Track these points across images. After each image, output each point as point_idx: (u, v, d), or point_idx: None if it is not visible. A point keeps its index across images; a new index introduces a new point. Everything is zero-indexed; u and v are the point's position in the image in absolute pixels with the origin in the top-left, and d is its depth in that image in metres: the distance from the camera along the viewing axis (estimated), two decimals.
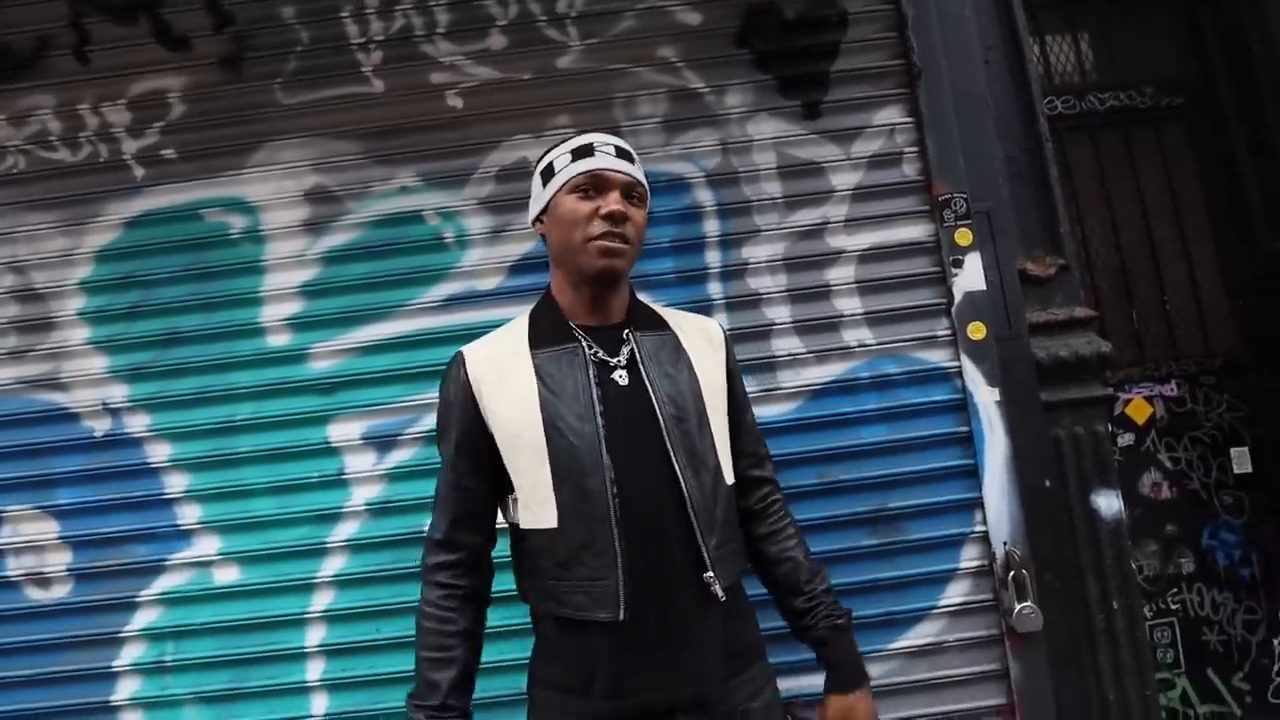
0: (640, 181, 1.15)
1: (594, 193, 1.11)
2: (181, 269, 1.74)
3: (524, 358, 1.13)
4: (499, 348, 1.16)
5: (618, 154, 1.14)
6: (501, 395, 1.11)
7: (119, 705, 1.63)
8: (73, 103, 1.77)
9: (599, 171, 1.11)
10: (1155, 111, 2.71)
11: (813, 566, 1.24)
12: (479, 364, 1.14)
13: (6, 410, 1.71)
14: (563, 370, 1.11)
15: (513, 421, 1.09)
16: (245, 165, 1.75)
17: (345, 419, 1.69)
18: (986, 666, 1.63)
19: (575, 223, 1.10)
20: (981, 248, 1.73)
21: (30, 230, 1.76)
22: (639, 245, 1.15)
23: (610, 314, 1.16)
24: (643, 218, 1.16)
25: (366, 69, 1.77)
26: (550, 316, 1.17)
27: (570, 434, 1.07)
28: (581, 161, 1.12)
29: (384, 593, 1.65)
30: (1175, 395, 2.66)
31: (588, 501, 1.05)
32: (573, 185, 1.11)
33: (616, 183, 1.11)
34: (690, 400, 1.13)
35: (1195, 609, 2.59)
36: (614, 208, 1.09)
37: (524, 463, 1.09)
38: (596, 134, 1.17)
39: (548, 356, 1.12)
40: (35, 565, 1.68)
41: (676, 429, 1.09)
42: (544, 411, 1.08)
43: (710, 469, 1.11)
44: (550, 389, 1.09)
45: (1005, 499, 1.65)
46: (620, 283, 1.16)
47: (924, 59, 1.76)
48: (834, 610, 1.21)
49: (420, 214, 1.75)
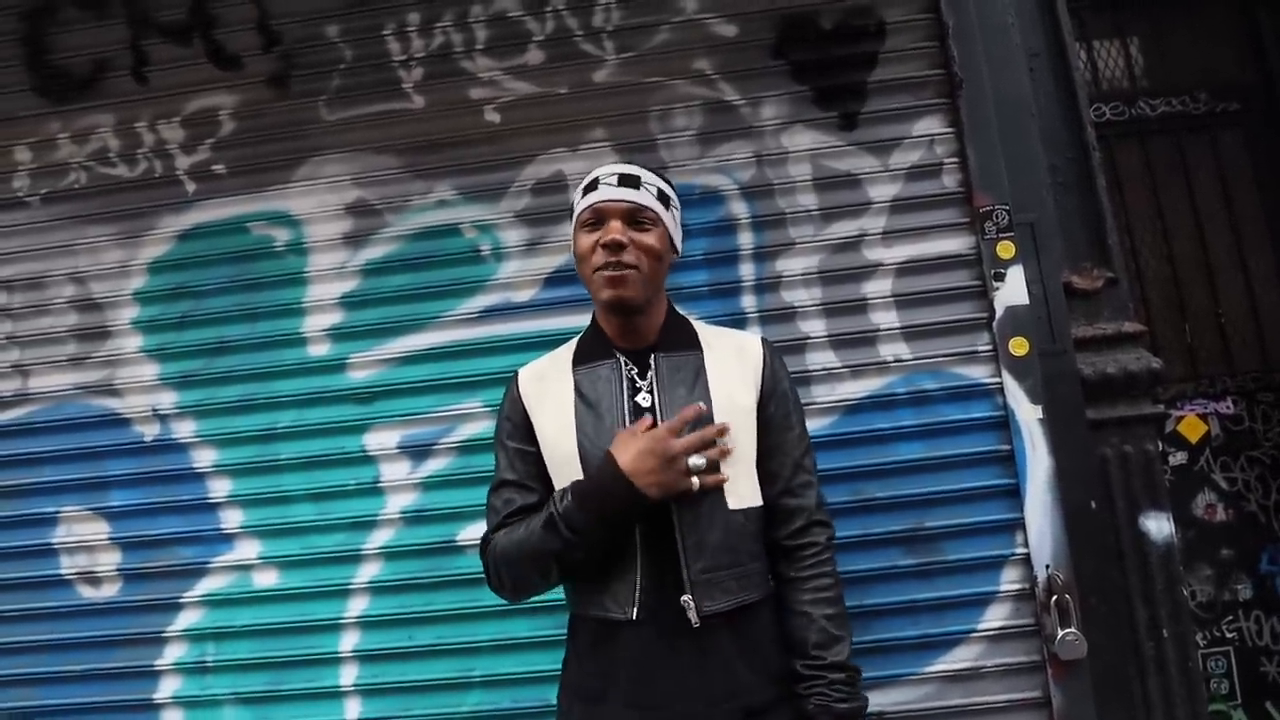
0: (645, 205, 1.16)
1: (597, 225, 1.15)
2: (229, 280, 1.79)
3: (566, 374, 1.20)
4: (547, 366, 1.25)
5: (620, 182, 1.16)
6: (545, 411, 1.19)
7: (161, 703, 1.68)
8: (130, 121, 1.85)
9: (597, 205, 1.15)
10: (1210, 118, 2.61)
11: (829, 632, 1.13)
12: (528, 382, 1.23)
13: (64, 415, 1.79)
14: (599, 387, 1.17)
15: (552, 434, 1.17)
16: (290, 180, 1.81)
17: (382, 428, 1.73)
18: (1027, 694, 1.57)
19: (584, 257, 1.17)
20: (1024, 260, 1.68)
21: (90, 243, 1.83)
22: (654, 266, 1.16)
23: (642, 337, 1.20)
24: (655, 238, 1.16)
25: (407, 85, 1.81)
26: (594, 338, 1.23)
27: (601, 446, 1.11)
28: (586, 197, 1.17)
29: (417, 600, 1.67)
30: (1231, 413, 2.55)
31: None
32: (581, 221, 1.18)
33: (615, 212, 1.14)
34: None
35: (1253, 638, 2.47)
36: (609, 237, 1.12)
37: (559, 471, 1.15)
38: (607, 166, 1.21)
39: (586, 373, 1.19)
40: (87, 565, 1.74)
41: None
42: (579, 425, 1.14)
43: (707, 492, 1.10)
44: (587, 403, 1.16)
45: (1048, 520, 1.59)
46: (644, 309, 1.18)
47: (965, 68, 1.72)
48: (835, 693, 1.09)
49: (458, 227, 1.78)
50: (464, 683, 1.63)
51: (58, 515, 1.76)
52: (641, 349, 1.19)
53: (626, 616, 1.08)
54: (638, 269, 1.13)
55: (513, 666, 1.62)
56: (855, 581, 1.61)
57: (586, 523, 1.05)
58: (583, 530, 1.05)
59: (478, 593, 1.61)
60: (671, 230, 1.21)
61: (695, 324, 1.27)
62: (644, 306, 1.17)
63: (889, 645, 1.60)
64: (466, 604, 1.64)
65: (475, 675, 1.63)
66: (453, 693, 1.63)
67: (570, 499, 1.07)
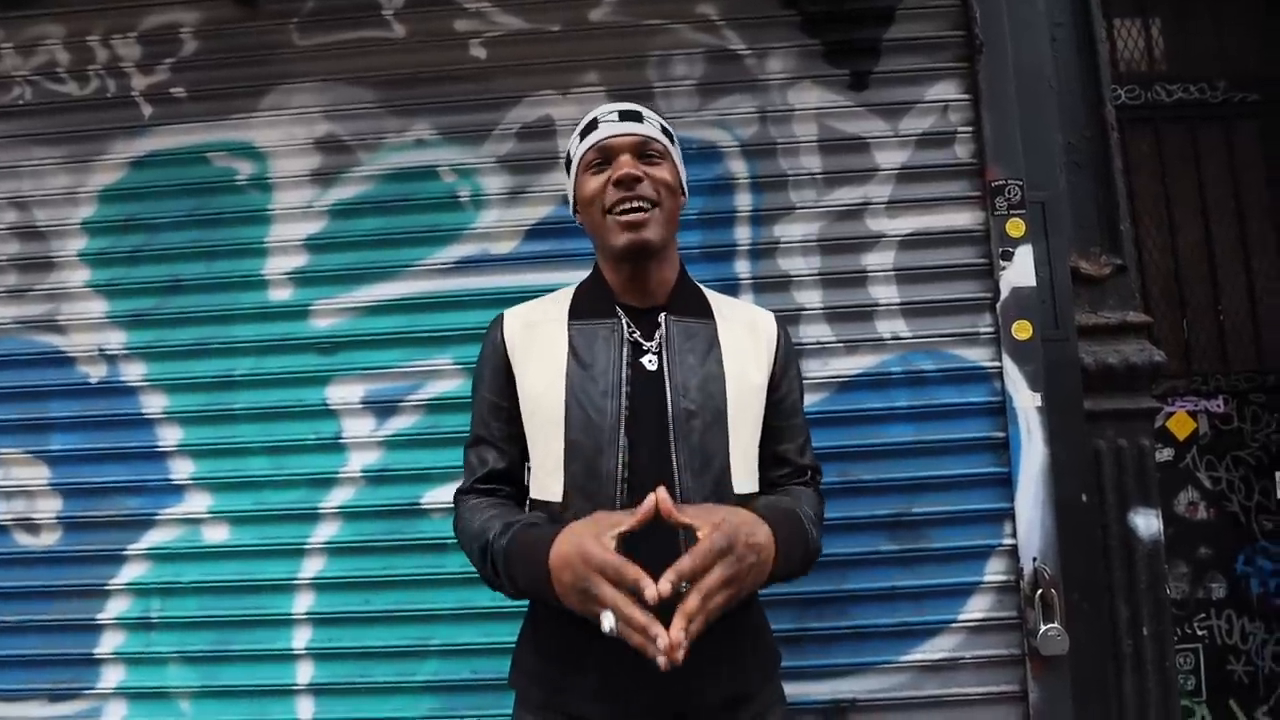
0: (653, 137, 1.07)
1: (604, 164, 1.07)
2: (185, 214, 1.67)
3: (560, 325, 1.09)
4: (539, 313, 1.12)
5: (621, 117, 1.08)
6: (530, 362, 1.07)
7: (103, 658, 1.60)
8: (82, 33, 1.70)
9: (602, 142, 1.06)
10: (1226, 107, 2.52)
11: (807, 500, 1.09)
12: (515, 328, 1.11)
13: (3, 350, 1.67)
14: (597, 345, 1.06)
15: (537, 389, 1.06)
16: (255, 109, 1.67)
17: (345, 381, 1.62)
18: (1004, 687, 1.53)
19: (593, 199, 1.06)
20: (1034, 240, 1.60)
21: (35, 165, 1.70)
22: (672, 202, 1.07)
23: (650, 294, 1.09)
24: (669, 171, 1.07)
25: (387, 12, 1.67)
26: (595, 290, 1.12)
27: (591, 410, 1.01)
28: (588, 138, 1.08)
29: (376, 563, 1.58)
30: (1221, 412, 2.51)
31: (595, 480, 1.00)
32: (585, 164, 1.08)
33: (622, 146, 1.06)
34: (709, 397, 1.04)
35: (1223, 636, 2.47)
36: (622, 172, 1.03)
37: (540, 431, 1.05)
38: (603, 106, 1.12)
39: (584, 328, 1.08)
40: (25, 510, 1.64)
41: (685, 423, 1.01)
42: (568, 383, 1.03)
43: (715, 471, 1.02)
44: (580, 361, 1.05)
45: (1039, 512, 1.54)
46: (659, 257, 1.07)
47: (986, 31, 1.62)
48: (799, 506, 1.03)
49: (435, 169, 1.66)
50: (421, 650, 1.56)
51: None
52: (649, 308, 1.09)
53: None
54: (658, 204, 1.04)
55: (472, 636, 1.54)
56: (836, 565, 1.56)
57: (509, 579, 0.95)
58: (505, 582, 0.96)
59: (440, 558, 1.54)
60: (679, 165, 1.13)
61: (705, 290, 1.17)
62: (661, 251, 1.07)
63: (866, 631, 1.55)
64: (428, 570, 1.57)
65: (433, 644, 1.56)
66: (409, 660, 1.56)
67: (503, 546, 0.94)
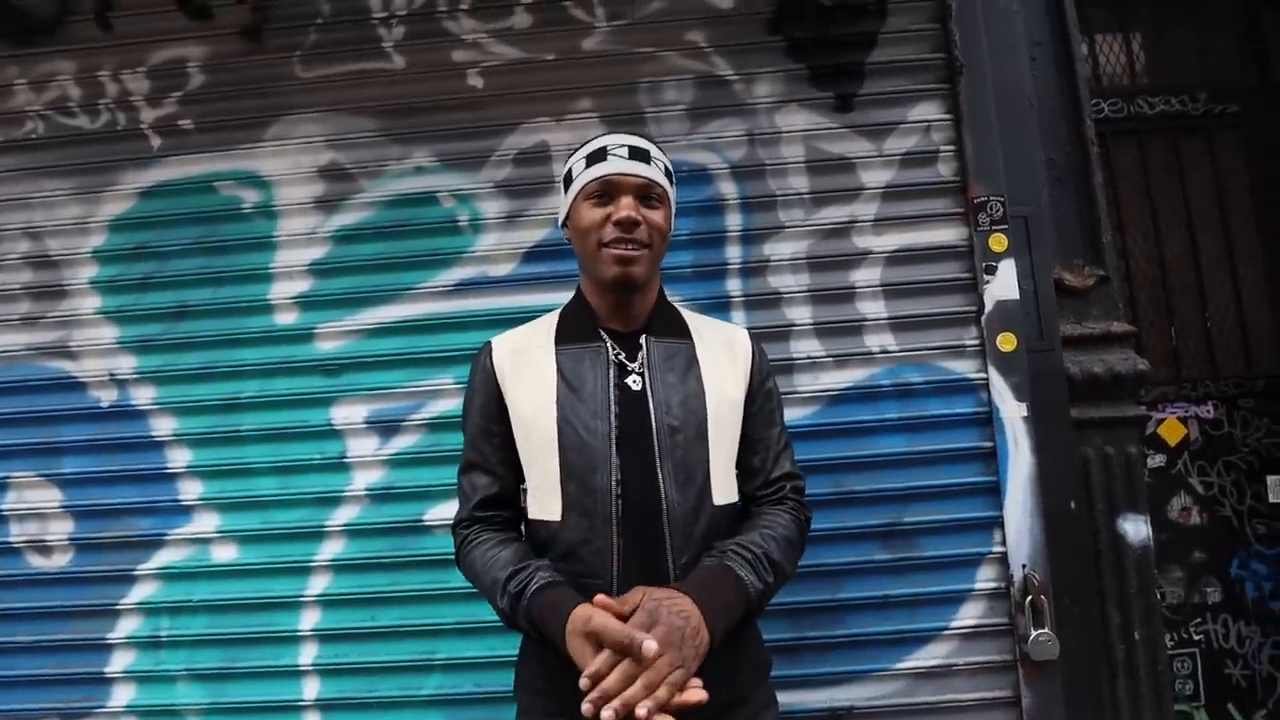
0: (657, 181, 1.11)
1: (606, 199, 1.09)
2: (193, 242, 1.72)
3: (548, 351, 1.13)
4: (526, 340, 1.17)
5: (631, 155, 1.10)
6: (521, 387, 1.11)
7: (113, 677, 1.63)
8: (93, 69, 1.76)
9: (610, 177, 1.09)
10: (1208, 119, 2.58)
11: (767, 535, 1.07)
12: (504, 355, 1.15)
13: (16, 376, 1.71)
14: (584, 368, 1.10)
15: (529, 413, 1.09)
16: (261, 139, 1.73)
17: (350, 401, 1.67)
18: (997, 693, 1.56)
19: (589, 230, 1.09)
20: (1017, 254, 1.65)
21: (47, 196, 1.75)
22: (661, 246, 1.12)
23: (633, 318, 1.14)
24: (663, 217, 1.12)
25: (387, 44, 1.73)
26: (579, 314, 1.16)
27: (583, 431, 1.06)
28: (594, 167, 1.10)
29: (381, 580, 1.62)
30: (1211, 417, 2.54)
31: (591, 497, 1.04)
32: (587, 192, 1.10)
33: (628, 186, 1.09)
34: (691, 413, 1.08)
35: (1219, 640, 2.49)
36: (624, 214, 1.06)
37: (535, 454, 1.09)
38: (613, 136, 1.14)
39: (571, 353, 1.12)
40: (38, 533, 1.68)
41: (669, 439, 1.06)
42: (559, 407, 1.08)
43: (697, 484, 1.06)
44: (569, 385, 1.09)
45: (1027, 519, 1.57)
46: (643, 288, 1.12)
47: (966, 53, 1.67)
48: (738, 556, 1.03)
49: (435, 195, 1.71)
50: (426, 665, 1.59)
51: (7, 480, 1.69)
52: (631, 332, 1.13)
53: None
54: (649, 248, 1.09)
55: (476, 650, 1.58)
56: (829, 575, 1.59)
57: (528, 625, 1.00)
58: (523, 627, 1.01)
59: (443, 574, 1.58)
60: (673, 207, 1.17)
61: (682, 310, 1.22)
62: (645, 284, 1.12)
63: (861, 640, 1.58)
64: (432, 585, 1.60)
65: (438, 658, 1.59)
66: (414, 675, 1.59)
67: (526, 598, 0.98)
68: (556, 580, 1.00)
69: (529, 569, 1.02)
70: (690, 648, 0.89)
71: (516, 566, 1.02)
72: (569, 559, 1.05)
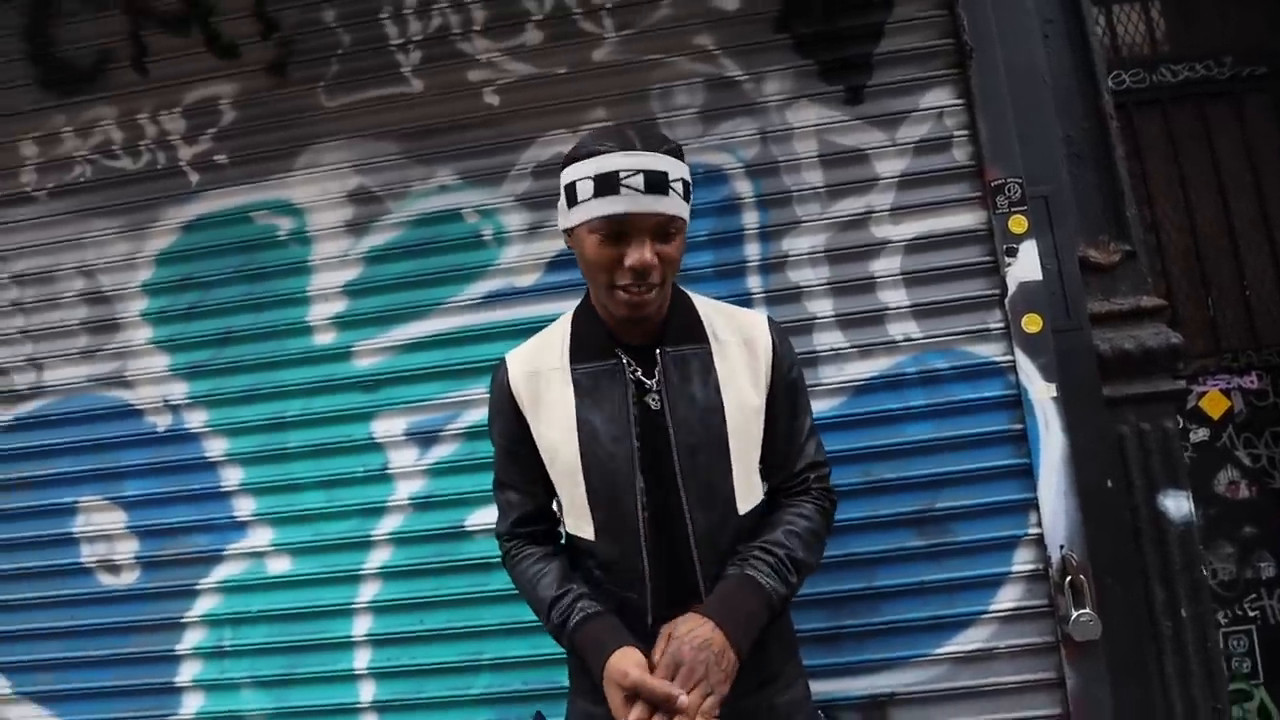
0: (676, 214, 0.99)
1: (619, 238, 0.98)
2: (234, 270, 1.80)
3: (563, 372, 1.10)
4: (540, 360, 1.13)
5: (648, 187, 0.95)
6: (540, 414, 1.10)
7: (182, 687, 1.72)
8: (132, 112, 1.85)
9: (622, 217, 0.96)
10: (1235, 83, 2.51)
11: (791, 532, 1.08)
12: (519, 377, 1.12)
13: (79, 406, 1.82)
14: (601, 388, 1.07)
15: (551, 439, 1.09)
16: (291, 168, 1.80)
17: (389, 415, 1.73)
18: (1040, 675, 1.56)
19: (598, 268, 1.00)
20: (1038, 235, 1.64)
21: (97, 236, 1.85)
22: (673, 275, 1.06)
23: (646, 331, 1.08)
24: (678, 247, 1.02)
25: (405, 69, 1.79)
26: (590, 328, 1.11)
27: (604, 455, 1.05)
28: (603, 201, 0.96)
29: (427, 585, 1.68)
30: (1256, 388, 2.48)
31: (620, 519, 1.06)
32: (593, 227, 0.98)
33: (645, 227, 0.97)
34: (710, 429, 1.06)
35: (1276, 616, 2.42)
36: (638, 259, 0.96)
37: (562, 480, 1.10)
38: (624, 156, 0.96)
39: (587, 373, 1.09)
40: (106, 553, 1.78)
41: (689, 460, 1.05)
42: (580, 431, 1.06)
43: (721, 500, 1.07)
44: (588, 408, 1.07)
45: (1062, 500, 1.57)
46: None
47: (976, 37, 1.67)
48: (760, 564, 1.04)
49: (459, 212, 1.76)
50: (474, 665, 1.65)
51: (76, 505, 1.79)
52: (646, 344, 1.08)
53: (642, 627, 1.04)
54: (662, 285, 1.01)
55: (521, 649, 1.63)
56: (864, 563, 1.61)
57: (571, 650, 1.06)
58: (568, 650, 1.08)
59: (487, 577, 1.63)
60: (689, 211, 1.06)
61: (698, 304, 1.16)
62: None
63: (900, 627, 1.59)
64: (475, 589, 1.66)
65: (485, 658, 1.65)
66: (463, 675, 1.65)
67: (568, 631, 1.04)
68: (597, 612, 1.04)
69: (570, 597, 1.05)
70: (718, 673, 0.93)
71: (557, 593, 1.06)
72: (608, 572, 1.09)
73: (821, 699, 1.48)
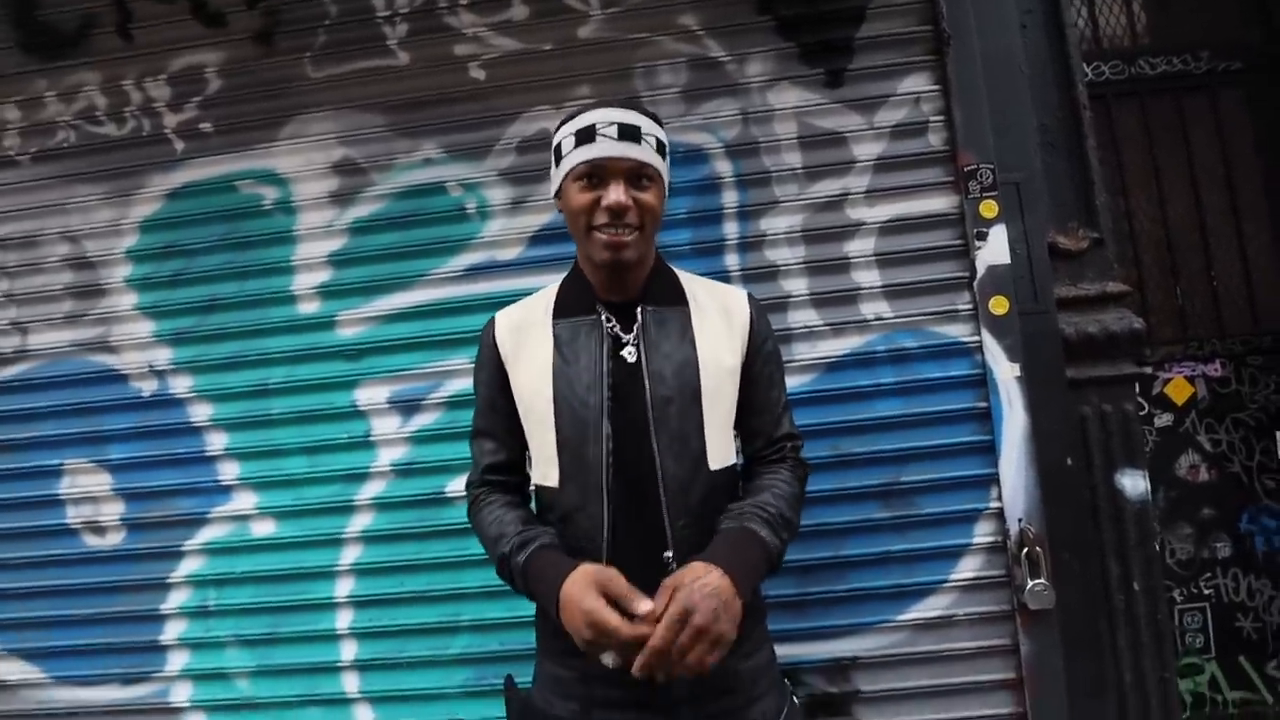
0: (647, 163, 1.09)
1: (595, 181, 1.08)
2: (219, 239, 1.81)
3: (545, 327, 1.16)
4: (526, 315, 1.20)
5: (621, 135, 1.07)
6: (520, 362, 1.16)
7: (168, 645, 1.76)
8: (117, 79, 1.85)
9: (598, 160, 1.07)
10: (1211, 77, 2.57)
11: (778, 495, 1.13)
12: (505, 330, 1.19)
13: (64, 371, 1.83)
14: (579, 341, 1.14)
15: (528, 387, 1.15)
16: (276, 138, 1.81)
17: (372, 384, 1.76)
18: (996, 641, 1.63)
19: (579, 213, 1.10)
20: (1009, 220, 1.69)
21: (81, 201, 1.85)
22: (654, 225, 1.13)
23: (628, 290, 1.16)
24: (655, 195, 1.11)
25: (392, 42, 1.80)
26: (576, 288, 1.19)
27: (577, 404, 1.10)
28: (582, 149, 1.08)
29: (408, 549, 1.73)
30: (1219, 375, 2.56)
31: (584, 468, 1.10)
32: (575, 174, 1.10)
33: (617, 171, 1.08)
34: (684, 382, 1.11)
35: (1230, 594, 2.53)
36: (614, 200, 1.06)
37: (534, 427, 1.15)
38: (601, 111, 1.10)
39: (567, 326, 1.15)
40: (92, 514, 1.81)
41: (662, 409, 1.10)
42: (555, 380, 1.12)
43: (693, 451, 1.11)
44: (565, 359, 1.13)
45: (1022, 476, 1.63)
46: (637, 263, 1.13)
47: (954, 24, 1.70)
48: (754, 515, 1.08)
49: (443, 185, 1.79)
50: (452, 627, 1.70)
51: (61, 467, 1.82)
52: (627, 302, 1.15)
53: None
54: (640, 230, 1.09)
55: (499, 612, 1.68)
56: (832, 533, 1.66)
57: (525, 590, 1.08)
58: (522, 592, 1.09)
59: (465, 542, 1.67)
60: (666, 180, 1.16)
61: (681, 276, 1.23)
62: (639, 261, 1.13)
63: (863, 594, 1.65)
64: (455, 553, 1.70)
65: (463, 620, 1.70)
66: (442, 636, 1.70)
67: (521, 564, 1.06)
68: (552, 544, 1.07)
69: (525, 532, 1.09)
70: (726, 622, 0.95)
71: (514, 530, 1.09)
72: (566, 523, 1.12)
73: (786, 662, 1.54)
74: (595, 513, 1.09)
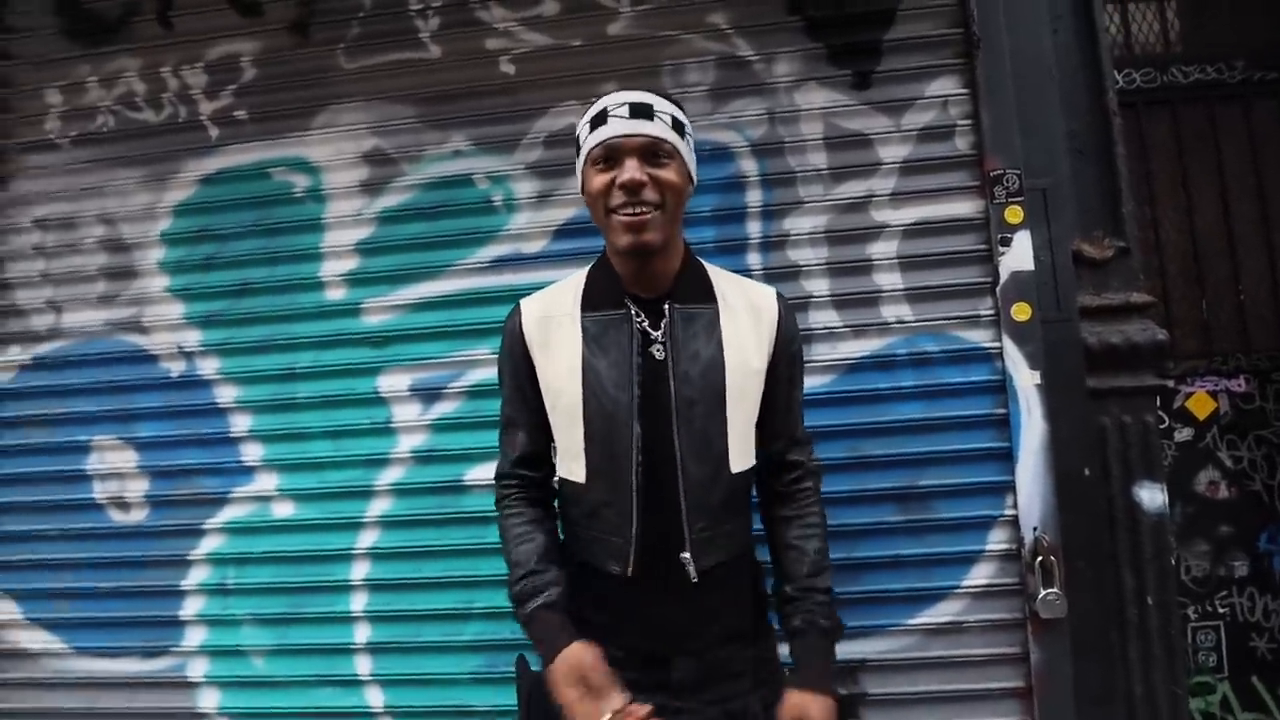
0: (661, 138, 1.07)
1: (611, 163, 1.07)
2: (250, 225, 1.85)
3: (573, 320, 1.15)
4: (553, 306, 1.19)
5: (632, 113, 1.06)
6: (548, 355, 1.15)
7: (187, 621, 1.80)
8: (156, 66, 1.90)
9: (610, 141, 1.07)
10: (1245, 86, 2.53)
11: (818, 562, 1.18)
12: (531, 320, 1.18)
13: (95, 350, 1.88)
14: (609, 337, 1.12)
15: (556, 382, 1.14)
16: (309, 127, 1.85)
17: (395, 371, 1.79)
18: (1006, 649, 1.62)
19: (597, 197, 1.09)
20: (1034, 226, 1.68)
21: (118, 185, 1.90)
22: (675, 203, 1.10)
23: (657, 283, 1.14)
24: (675, 172, 1.08)
25: (424, 35, 1.83)
26: (604, 280, 1.17)
27: (606, 400, 1.10)
28: (596, 132, 1.08)
29: (426, 535, 1.75)
30: (1243, 391, 2.53)
31: (613, 464, 1.10)
32: (592, 158, 1.09)
33: (630, 148, 1.06)
34: (710, 384, 1.11)
35: (1245, 614, 2.49)
36: (628, 177, 1.05)
37: (562, 420, 1.14)
38: (613, 95, 1.11)
39: (596, 321, 1.14)
40: (117, 490, 1.85)
41: (687, 410, 1.10)
42: (585, 375, 1.11)
43: (715, 454, 1.11)
44: (594, 354, 1.12)
45: (1038, 484, 1.62)
46: (663, 252, 1.11)
47: (984, 27, 1.70)
48: (820, 610, 1.16)
49: (471, 177, 1.81)
50: (466, 613, 1.72)
51: (90, 443, 1.86)
52: (656, 297, 1.13)
53: (622, 572, 1.09)
54: (660, 208, 1.06)
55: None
56: (847, 535, 1.66)
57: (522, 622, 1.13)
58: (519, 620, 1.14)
59: (482, 530, 1.70)
60: (688, 160, 1.12)
61: (710, 271, 1.21)
62: (663, 247, 1.10)
63: (876, 597, 1.66)
64: (471, 541, 1.72)
65: (477, 607, 1.72)
66: (455, 622, 1.72)
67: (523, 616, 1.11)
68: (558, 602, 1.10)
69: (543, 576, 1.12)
70: None
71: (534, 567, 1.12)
72: (592, 518, 1.13)
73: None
74: (624, 509, 1.10)
